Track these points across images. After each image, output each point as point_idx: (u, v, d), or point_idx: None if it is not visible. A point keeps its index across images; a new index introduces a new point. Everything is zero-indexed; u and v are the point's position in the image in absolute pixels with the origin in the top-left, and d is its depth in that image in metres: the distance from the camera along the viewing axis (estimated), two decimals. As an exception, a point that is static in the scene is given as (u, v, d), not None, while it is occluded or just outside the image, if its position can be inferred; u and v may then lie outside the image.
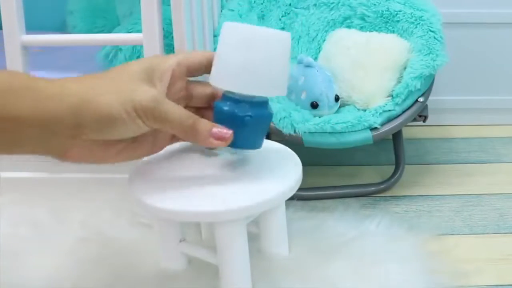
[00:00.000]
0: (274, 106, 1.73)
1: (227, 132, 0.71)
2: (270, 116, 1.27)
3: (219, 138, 0.71)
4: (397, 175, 1.86)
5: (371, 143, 1.73)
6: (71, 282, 1.40)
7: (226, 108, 1.32)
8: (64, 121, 0.63)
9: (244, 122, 1.32)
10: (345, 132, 1.69)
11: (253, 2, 1.91)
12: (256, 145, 1.40)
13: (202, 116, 0.80)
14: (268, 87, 1.27)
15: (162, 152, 1.48)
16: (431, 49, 1.79)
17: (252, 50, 1.21)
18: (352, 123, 1.68)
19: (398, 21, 1.90)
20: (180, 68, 0.77)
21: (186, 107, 0.82)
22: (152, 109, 0.65)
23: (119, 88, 0.65)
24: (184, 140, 0.75)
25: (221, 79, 1.18)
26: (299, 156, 1.47)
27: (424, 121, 1.83)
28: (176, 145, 1.51)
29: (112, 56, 1.76)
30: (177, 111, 0.68)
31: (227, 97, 1.29)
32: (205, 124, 0.70)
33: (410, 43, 1.83)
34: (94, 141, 0.66)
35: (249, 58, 1.24)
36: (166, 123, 0.67)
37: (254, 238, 1.46)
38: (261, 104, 1.31)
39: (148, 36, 1.53)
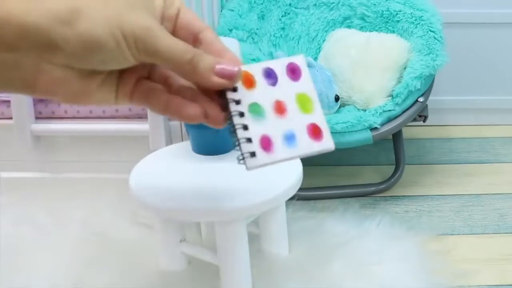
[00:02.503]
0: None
1: (233, 68, 0.54)
2: None
3: (224, 75, 0.53)
4: (397, 175, 1.86)
5: (371, 143, 1.73)
6: (72, 281, 1.40)
7: None
8: (31, 35, 0.49)
9: (220, 129, 1.38)
10: (345, 132, 1.69)
11: (253, 2, 1.91)
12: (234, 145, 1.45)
13: None
14: None
15: (162, 152, 1.48)
16: (431, 49, 1.79)
17: None
18: (352, 123, 1.68)
19: (398, 21, 1.90)
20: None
21: None
22: (144, 40, 0.51)
23: (108, 4, 0.51)
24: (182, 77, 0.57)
25: None
26: (299, 156, 1.48)
27: (424, 121, 1.83)
28: (176, 146, 1.52)
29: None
30: (173, 44, 0.53)
31: None
32: (206, 61, 0.54)
33: (410, 43, 1.83)
34: (69, 69, 0.51)
35: None
36: (159, 58, 0.53)
37: (254, 238, 1.46)
38: None
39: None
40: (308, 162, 1.47)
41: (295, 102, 0.54)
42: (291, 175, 1.30)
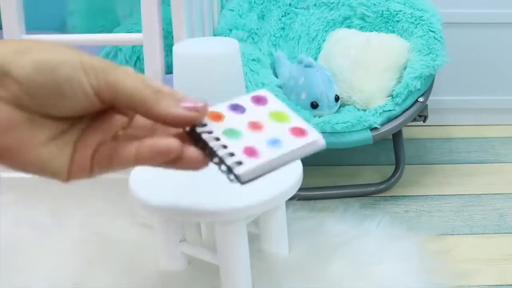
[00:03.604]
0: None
1: (199, 102, 0.50)
2: None
3: (191, 108, 0.48)
4: (397, 175, 1.86)
5: (371, 143, 1.73)
6: (72, 281, 1.40)
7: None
8: None
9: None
10: (345, 132, 1.69)
11: (253, 2, 1.91)
12: None
13: None
14: (229, 98, 1.36)
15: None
16: (431, 49, 1.79)
17: (206, 73, 1.32)
18: (352, 123, 1.68)
19: (398, 21, 1.90)
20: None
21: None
22: (104, 70, 0.47)
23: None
24: (140, 114, 0.49)
25: None
26: (299, 156, 1.48)
27: (424, 121, 1.83)
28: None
29: (112, 56, 1.76)
30: (135, 78, 0.48)
31: None
32: (172, 94, 0.49)
33: (410, 43, 1.83)
34: (19, 109, 0.46)
35: (207, 82, 1.32)
36: (121, 90, 0.47)
37: (254, 238, 1.46)
38: None
39: (148, 36, 1.53)
40: (308, 162, 1.47)
41: (269, 119, 0.51)
42: (291, 175, 1.30)
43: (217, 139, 0.49)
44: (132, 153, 0.50)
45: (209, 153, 0.49)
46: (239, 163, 0.47)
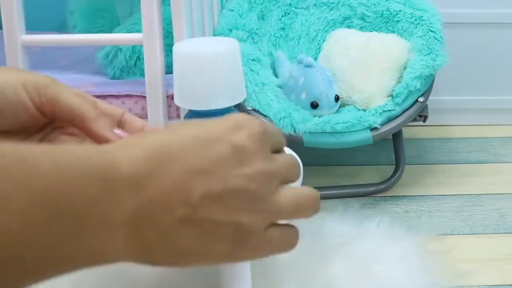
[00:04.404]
0: (274, 106, 1.73)
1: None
2: None
3: (120, 136, 0.53)
4: (397, 175, 1.86)
5: (371, 143, 1.72)
6: (71, 282, 1.40)
7: None
8: None
9: None
10: (345, 132, 1.69)
11: (253, 2, 1.91)
12: None
13: None
14: (229, 97, 1.38)
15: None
16: (431, 49, 1.79)
17: (206, 73, 1.31)
18: (352, 123, 1.68)
19: (398, 21, 1.90)
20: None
21: None
22: (45, 84, 0.49)
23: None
24: (76, 126, 0.53)
25: (187, 101, 1.39)
26: (299, 156, 1.47)
27: (424, 121, 1.83)
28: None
29: (112, 56, 1.76)
30: (73, 92, 0.51)
31: (195, 111, 1.38)
32: (107, 120, 0.53)
33: (410, 43, 1.83)
34: None
35: (207, 82, 1.32)
36: (61, 103, 0.50)
37: (254, 238, 1.46)
38: (227, 110, 1.38)
39: (148, 36, 1.53)
40: (308, 162, 1.47)
41: None
42: (291, 175, 1.29)
43: None
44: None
45: None
46: None
